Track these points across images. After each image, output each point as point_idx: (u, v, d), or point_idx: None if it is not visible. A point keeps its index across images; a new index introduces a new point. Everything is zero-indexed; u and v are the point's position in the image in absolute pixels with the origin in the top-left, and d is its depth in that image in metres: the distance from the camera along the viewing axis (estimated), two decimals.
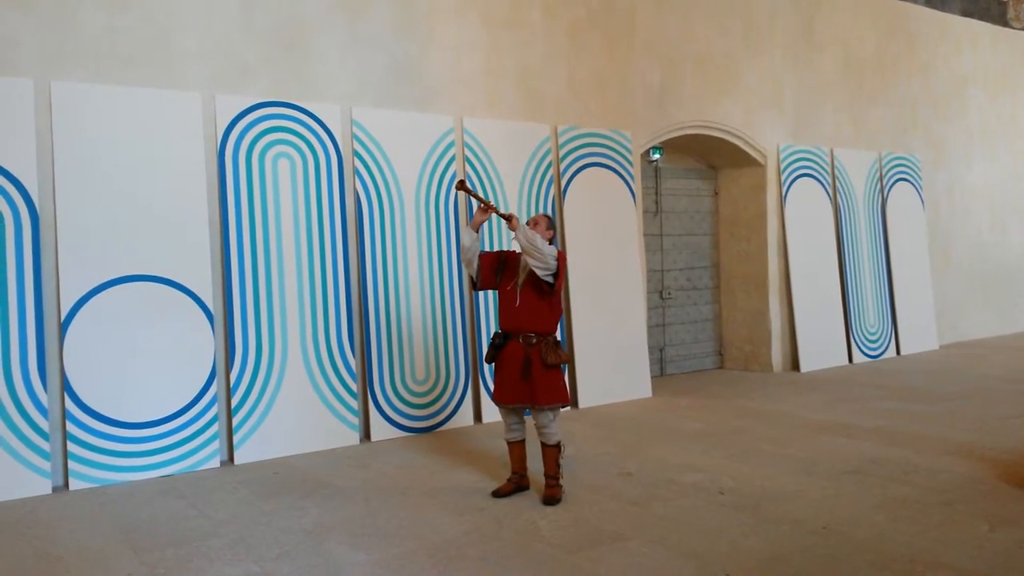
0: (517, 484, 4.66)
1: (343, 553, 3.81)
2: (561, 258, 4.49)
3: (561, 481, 4.58)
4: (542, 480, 4.62)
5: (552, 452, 4.53)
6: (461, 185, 4.63)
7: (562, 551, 3.77)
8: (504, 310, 4.61)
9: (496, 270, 4.67)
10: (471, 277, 4.72)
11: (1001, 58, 11.80)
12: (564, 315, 7.18)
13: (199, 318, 5.52)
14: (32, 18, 5.10)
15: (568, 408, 4.40)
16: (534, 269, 4.43)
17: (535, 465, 4.80)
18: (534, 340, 4.50)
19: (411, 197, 6.45)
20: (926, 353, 10.00)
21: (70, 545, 4.02)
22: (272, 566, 3.67)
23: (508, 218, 4.52)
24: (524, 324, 4.52)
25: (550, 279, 4.46)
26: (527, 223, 4.66)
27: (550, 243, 4.61)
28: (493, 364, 4.70)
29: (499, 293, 4.69)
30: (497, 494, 4.61)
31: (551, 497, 4.47)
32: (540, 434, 4.55)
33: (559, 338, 4.64)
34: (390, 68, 6.44)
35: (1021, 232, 12.19)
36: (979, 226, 11.53)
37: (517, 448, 4.67)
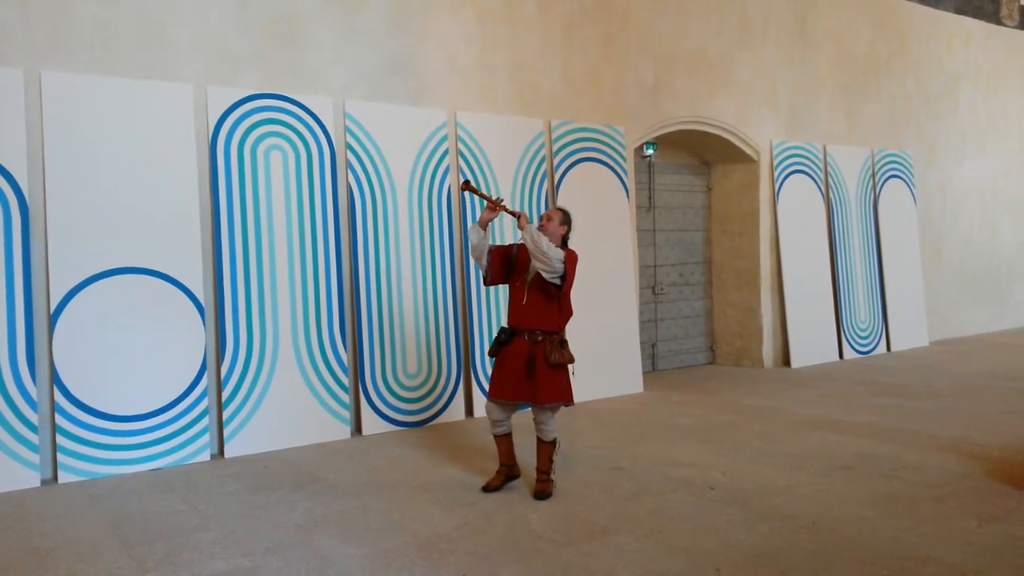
0: (507, 475, 4.63)
1: (333, 547, 3.80)
2: (570, 260, 4.39)
3: (552, 476, 4.56)
4: (533, 473, 4.61)
5: (547, 448, 4.51)
6: (467, 186, 4.56)
7: (553, 545, 3.77)
8: (512, 306, 4.57)
9: (506, 265, 4.61)
10: (483, 273, 4.66)
11: (993, 56, 11.84)
12: None
13: (190, 311, 5.49)
14: (23, 9, 5.05)
15: (572, 405, 4.39)
16: (540, 271, 4.36)
17: (524, 458, 4.80)
18: (539, 338, 4.45)
19: (404, 191, 6.43)
20: (916, 349, 10.05)
21: (59, 538, 4.00)
22: (262, 560, 3.66)
23: (517, 216, 4.43)
24: (530, 322, 4.47)
25: (557, 281, 4.38)
26: (541, 217, 4.58)
27: (565, 239, 4.54)
28: (494, 359, 4.63)
29: (509, 288, 4.65)
30: (487, 488, 4.58)
31: (542, 492, 4.46)
32: (538, 430, 4.52)
33: (565, 337, 4.56)
34: (384, 61, 6.42)
35: (1012, 230, 12.25)
36: (970, 223, 11.58)
37: (505, 441, 4.63)
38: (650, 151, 8.56)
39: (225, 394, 5.60)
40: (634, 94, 7.88)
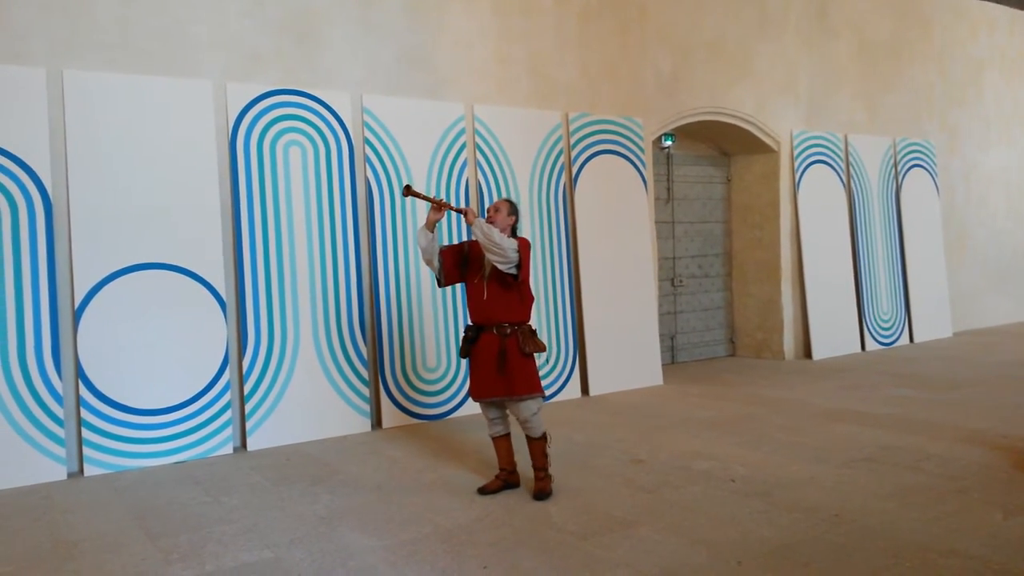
0: (505, 481, 4.50)
1: (355, 539, 3.83)
2: (523, 247, 4.29)
3: (550, 472, 4.45)
4: (532, 475, 4.53)
5: (538, 445, 4.40)
6: (408, 190, 4.38)
7: (573, 537, 3.77)
8: (473, 303, 4.45)
9: (459, 263, 4.50)
10: (436, 275, 4.55)
11: (1018, 42, 11.65)
12: (575, 303, 7.17)
13: (211, 306, 5.55)
14: (45, 8, 5.11)
15: (547, 399, 4.21)
16: (495, 264, 4.26)
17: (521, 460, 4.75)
18: (509, 330, 4.33)
19: (422, 185, 6.44)
20: (940, 340, 9.94)
21: (85, 530, 4.06)
22: (285, 551, 3.69)
23: (464, 213, 4.34)
24: (495, 316, 4.35)
25: (513, 271, 4.27)
26: (488, 210, 4.48)
27: (513, 229, 4.44)
28: (468, 359, 4.48)
29: (467, 286, 4.53)
30: (484, 491, 4.44)
31: (541, 491, 4.34)
32: (524, 428, 4.40)
33: (533, 327, 4.46)
34: (401, 56, 6.43)
35: None
36: (995, 212, 11.42)
37: (502, 443, 4.52)
38: (668, 142, 8.51)
39: (247, 388, 5.65)
40: (652, 85, 7.83)
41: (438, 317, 6.46)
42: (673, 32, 7.96)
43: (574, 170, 7.28)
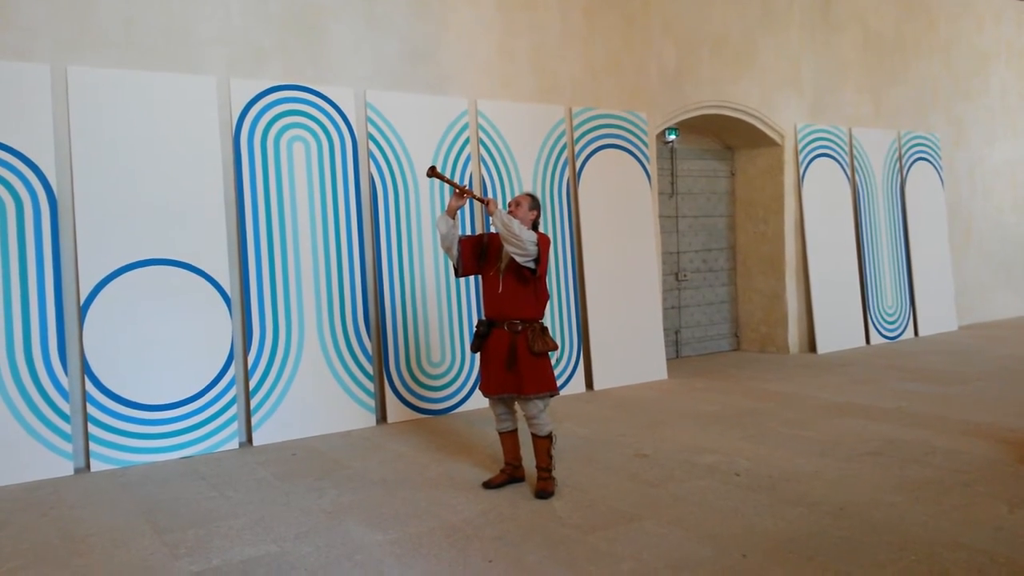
0: (510, 475, 4.50)
1: (361, 533, 3.84)
2: (543, 242, 4.27)
3: (553, 473, 4.40)
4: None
5: (543, 443, 4.35)
6: (432, 171, 4.38)
7: (578, 531, 3.78)
8: (487, 297, 4.43)
9: (478, 255, 4.48)
10: (453, 264, 4.54)
11: None
12: (579, 298, 7.17)
13: (216, 301, 5.56)
14: (49, 5, 5.12)
15: (557, 395, 4.20)
16: (513, 256, 4.23)
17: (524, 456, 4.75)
18: (519, 327, 4.30)
19: (425, 180, 6.44)
20: (945, 334, 9.92)
21: (93, 525, 4.08)
22: (291, 546, 3.71)
23: (485, 202, 4.31)
24: (508, 311, 4.33)
25: (531, 265, 4.25)
26: (509, 204, 4.48)
27: (535, 224, 4.42)
28: (479, 354, 4.45)
29: (482, 279, 4.51)
30: (488, 485, 4.45)
31: (543, 490, 4.30)
32: (530, 425, 4.38)
33: (545, 324, 4.43)
34: (404, 51, 6.42)
35: None
36: (1000, 205, 11.38)
37: (509, 439, 4.52)
38: (672, 137, 8.49)
39: (252, 383, 5.66)
40: (656, 79, 7.82)
41: (442, 312, 6.46)
42: (677, 26, 7.94)
43: (578, 165, 7.27)
